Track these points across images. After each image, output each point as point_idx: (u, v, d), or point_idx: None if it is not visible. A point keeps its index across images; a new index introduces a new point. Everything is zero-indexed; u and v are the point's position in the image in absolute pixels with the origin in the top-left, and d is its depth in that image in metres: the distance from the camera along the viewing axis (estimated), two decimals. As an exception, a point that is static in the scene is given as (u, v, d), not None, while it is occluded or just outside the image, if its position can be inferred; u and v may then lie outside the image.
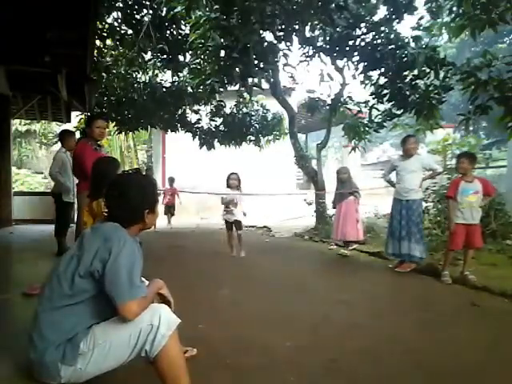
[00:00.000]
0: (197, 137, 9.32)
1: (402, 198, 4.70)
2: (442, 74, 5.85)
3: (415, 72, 6.08)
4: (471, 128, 5.87)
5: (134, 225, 1.78)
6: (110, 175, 2.77)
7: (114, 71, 8.06)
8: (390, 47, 6.16)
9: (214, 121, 9.36)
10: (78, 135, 5.74)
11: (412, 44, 6.04)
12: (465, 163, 4.20)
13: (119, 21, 7.51)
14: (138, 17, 7.41)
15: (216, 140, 9.47)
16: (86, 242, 1.67)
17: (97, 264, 1.58)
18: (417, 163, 4.66)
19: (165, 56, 8.03)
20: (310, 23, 6.49)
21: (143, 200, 1.77)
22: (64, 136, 5.34)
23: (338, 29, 6.30)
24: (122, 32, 7.55)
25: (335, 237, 5.65)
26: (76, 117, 9.11)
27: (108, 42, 7.82)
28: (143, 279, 1.78)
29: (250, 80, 6.93)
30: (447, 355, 2.37)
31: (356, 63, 6.74)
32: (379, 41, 6.33)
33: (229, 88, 7.24)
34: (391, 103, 6.56)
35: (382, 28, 6.31)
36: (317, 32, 6.84)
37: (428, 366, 2.20)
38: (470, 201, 4.13)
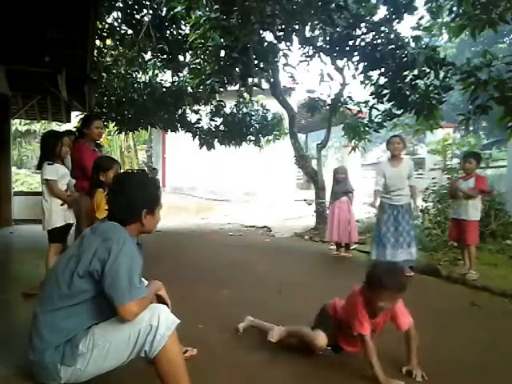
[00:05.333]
0: (197, 137, 9.32)
1: (395, 203, 4.50)
2: (442, 74, 5.85)
3: (415, 72, 6.07)
4: (471, 128, 5.89)
5: (132, 223, 1.75)
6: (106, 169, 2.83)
7: (114, 71, 8.06)
8: (390, 47, 6.16)
9: (214, 121, 9.36)
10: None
11: (412, 44, 6.04)
12: (472, 163, 4.30)
13: (119, 21, 7.52)
14: (138, 17, 7.42)
15: (216, 140, 9.47)
16: (85, 241, 1.67)
17: (96, 264, 1.58)
18: (405, 168, 4.48)
19: (165, 56, 8.04)
20: (309, 23, 6.49)
21: (141, 198, 1.75)
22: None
23: (338, 29, 6.30)
24: (122, 32, 7.56)
25: (329, 239, 5.63)
26: (76, 117, 9.12)
27: (108, 42, 7.82)
28: (143, 279, 1.77)
29: (250, 80, 6.94)
30: (447, 355, 2.37)
31: (356, 63, 6.74)
32: (379, 41, 6.33)
33: (229, 88, 7.24)
34: (391, 103, 6.56)
35: (382, 28, 6.30)
36: (317, 32, 6.84)
37: (428, 366, 2.20)
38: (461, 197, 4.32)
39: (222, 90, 7.22)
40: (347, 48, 6.61)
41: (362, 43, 6.47)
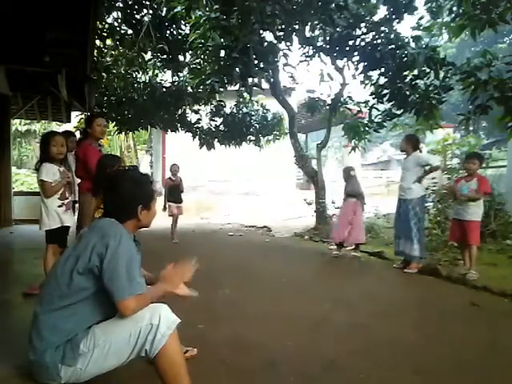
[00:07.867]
0: (197, 137, 9.32)
1: (400, 197, 4.72)
2: (442, 74, 5.85)
3: (415, 72, 6.08)
4: (471, 128, 5.89)
5: (128, 220, 1.74)
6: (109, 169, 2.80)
7: (114, 71, 8.07)
8: (390, 47, 6.17)
9: (214, 121, 9.37)
10: (78, 135, 5.74)
11: (412, 44, 6.04)
12: (476, 164, 4.30)
13: (119, 21, 7.53)
14: (138, 17, 7.43)
15: (216, 140, 9.48)
16: (83, 239, 1.67)
17: (95, 259, 1.58)
18: (412, 161, 4.61)
19: (165, 56, 8.05)
20: (309, 23, 6.50)
21: (136, 195, 1.74)
22: (64, 137, 5.34)
23: (338, 29, 6.31)
24: (122, 32, 7.57)
25: (334, 239, 5.61)
26: (76, 117, 9.12)
27: (108, 42, 7.83)
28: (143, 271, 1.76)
29: (250, 80, 6.94)
30: (447, 355, 2.37)
31: (356, 63, 6.75)
32: (379, 41, 6.34)
33: (229, 88, 7.25)
34: (391, 103, 6.56)
35: (382, 28, 6.32)
36: (317, 32, 6.85)
37: (428, 366, 2.20)
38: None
39: (222, 89, 7.23)
40: (347, 48, 6.62)
41: (362, 43, 6.48)
